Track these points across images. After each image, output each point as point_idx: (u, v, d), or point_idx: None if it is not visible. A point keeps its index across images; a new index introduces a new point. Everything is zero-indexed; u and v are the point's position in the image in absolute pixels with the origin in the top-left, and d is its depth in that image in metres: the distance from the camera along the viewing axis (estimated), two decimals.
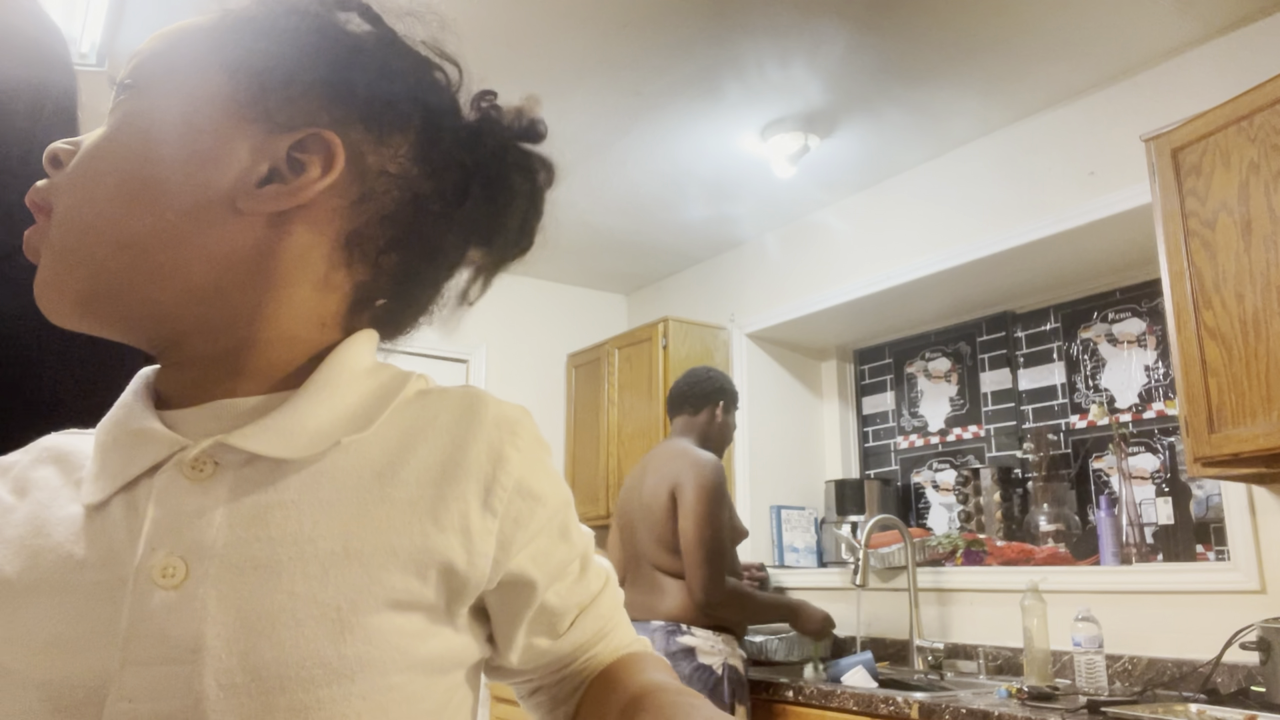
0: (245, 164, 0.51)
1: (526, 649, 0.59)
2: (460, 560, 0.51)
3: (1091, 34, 2.27)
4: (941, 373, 3.36)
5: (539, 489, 0.55)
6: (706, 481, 2.35)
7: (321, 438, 0.51)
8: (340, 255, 0.55)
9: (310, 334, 0.55)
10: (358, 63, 0.55)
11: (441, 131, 0.58)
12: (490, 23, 2.24)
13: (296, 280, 0.53)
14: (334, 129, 0.53)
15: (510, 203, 0.62)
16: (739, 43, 2.32)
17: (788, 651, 2.76)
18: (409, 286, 0.59)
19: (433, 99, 0.58)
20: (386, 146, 0.55)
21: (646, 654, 0.67)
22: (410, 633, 0.50)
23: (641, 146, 2.89)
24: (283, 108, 0.52)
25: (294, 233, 0.53)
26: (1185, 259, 1.97)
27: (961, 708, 1.98)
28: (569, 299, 4.24)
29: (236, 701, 0.44)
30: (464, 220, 0.60)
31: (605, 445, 3.75)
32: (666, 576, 2.38)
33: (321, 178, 0.52)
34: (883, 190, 3.12)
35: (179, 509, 0.48)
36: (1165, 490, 2.63)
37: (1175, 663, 2.23)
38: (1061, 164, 2.57)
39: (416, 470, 0.51)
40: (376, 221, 0.55)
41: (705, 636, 2.29)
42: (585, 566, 0.62)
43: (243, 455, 0.49)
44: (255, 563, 0.47)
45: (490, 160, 0.60)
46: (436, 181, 0.57)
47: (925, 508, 3.34)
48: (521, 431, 0.55)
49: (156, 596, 0.46)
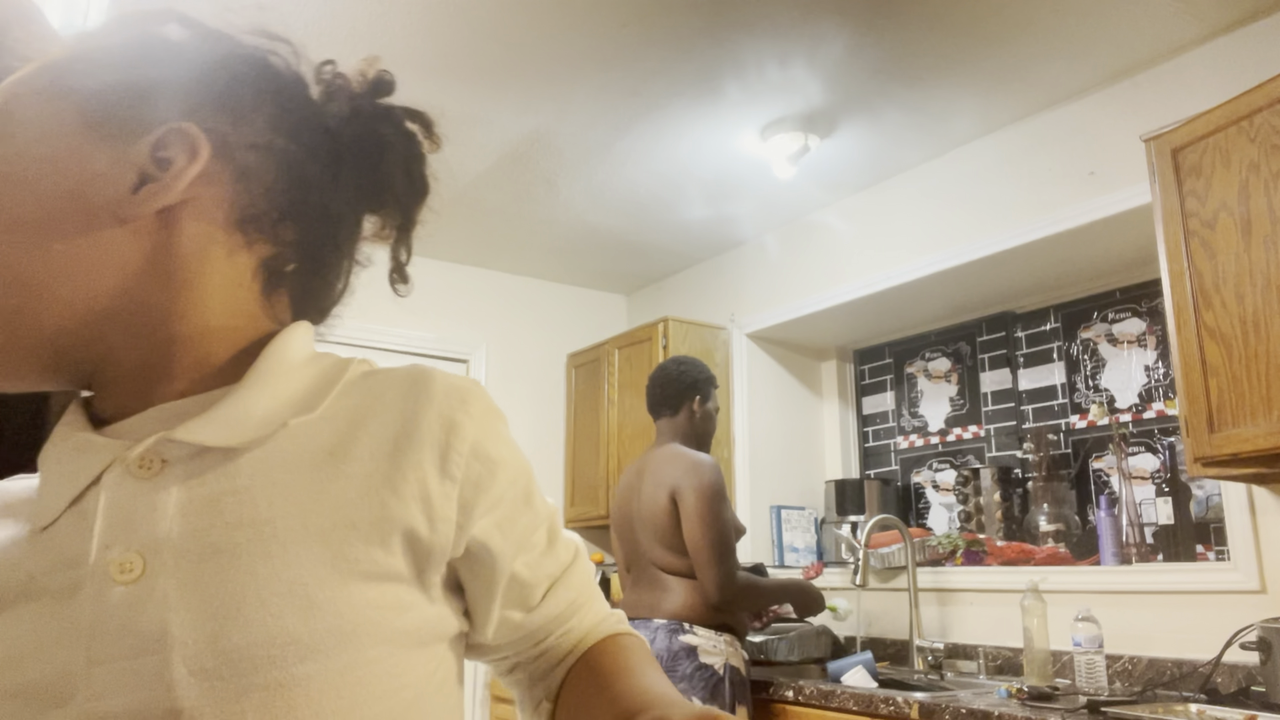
0: (114, 177, 0.52)
1: (501, 622, 0.59)
2: (422, 527, 0.51)
3: (1091, 34, 2.27)
4: (941, 373, 3.37)
5: (496, 454, 0.56)
6: (706, 483, 2.35)
7: (267, 423, 0.51)
8: (238, 238, 0.56)
9: (237, 324, 0.55)
10: (192, 59, 0.56)
11: (293, 100, 0.59)
12: (490, 23, 2.24)
13: (202, 272, 0.54)
14: (188, 120, 0.54)
15: (384, 154, 0.62)
16: (739, 42, 2.32)
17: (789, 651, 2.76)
18: (314, 253, 0.60)
19: (274, 74, 0.59)
20: (245, 124, 0.56)
21: (628, 639, 0.67)
22: (384, 605, 0.50)
23: (641, 146, 2.89)
24: (132, 117, 0.53)
25: (184, 228, 0.54)
26: (1185, 259, 1.97)
27: (961, 708, 1.98)
28: (569, 299, 4.24)
29: (209, 685, 0.45)
30: (348, 180, 0.61)
31: (605, 445, 3.75)
32: (669, 575, 2.39)
33: (190, 164, 0.53)
34: (883, 190, 3.12)
35: (130, 506, 0.48)
36: (1165, 490, 2.63)
37: (1175, 663, 2.23)
38: (1061, 164, 2.57)
39: (369, 445, 0.52)
40: (261, 196, 0.56)
41: (707, 636, 2.29)
42: (553, 538, 0.62)
43: (190, 448, 0.50)
44: (214, 549, 0.47)
45: (351, 119, 0.62)
46: (304, 147, 0.58)
47: (925, 508, 3.34)
48: (472, 400, 0.56)
49: (116, 592, 0.46)
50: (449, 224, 3.49)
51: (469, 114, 2.67)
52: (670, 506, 2.38)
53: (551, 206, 3.36)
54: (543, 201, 3.31)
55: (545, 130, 2.78)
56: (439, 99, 2.57)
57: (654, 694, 0.56)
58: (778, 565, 3.43)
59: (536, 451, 3.98)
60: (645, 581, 2.44)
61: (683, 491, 2.36)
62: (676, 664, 2.24)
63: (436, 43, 2.32)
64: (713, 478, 2.37)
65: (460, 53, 2.37)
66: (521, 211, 3.40)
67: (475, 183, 3.15)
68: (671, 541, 2.38)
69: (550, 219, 3.48)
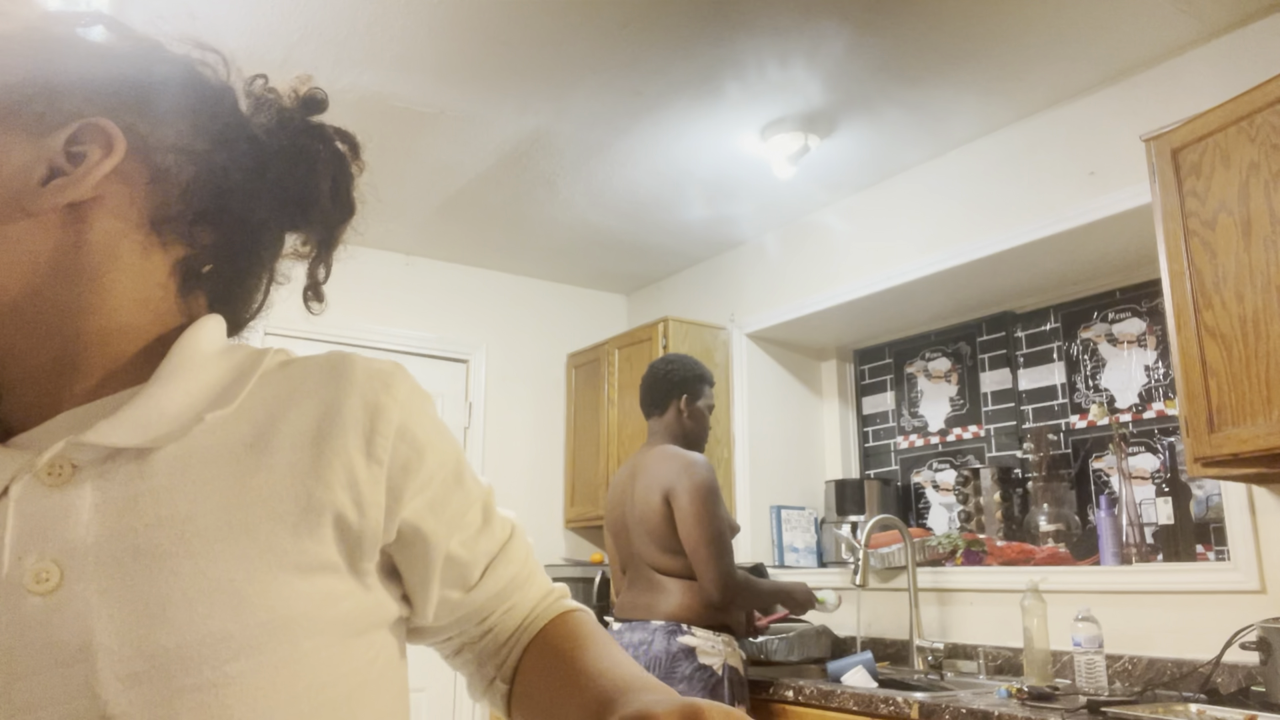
0: (23, 168, 0.51)
1: (441, 603, 0.59)
2: (351, 514, 0.51)
3: (1091, 34, 2.27)
4: (941, 373, 3.37)
5: (423, 435, 0.55)
6: (699, 482, 2.35)
7: (181, 419, 0.50)
8: (153, 237, 0.55)
9: (146, 322, 0.54)
10: (114, 59, 0.55)
11: (217, 108, 0.59)
12: (490, 23, 2.24)
13: (112, 269, 0.53)
14: (107, 117, 0.53)
15: (311, 169, 0.62)
16: (739, 43, 2.32)
17: (788, 651, 2.76)
18: (230, 258, 0.59)
19: (199, 81, 0.59)
20: (166, 126, 0.55)
21: (580, 615, 0.66)
22: (317, 595, 0.49)
23: (641, 146, 2.89)
24: (47, 110, 0.52)
25: (95, 224, 0.53)
26: (1185, 259, 1.97)
27: (961, 708, 1.98)
28: (569, 299, 4.24)
29: (139, 691, 0.44)
30: (271, 191, 0.60)
31: (605, 445, 3.75)
32: (665, 577, 2.39)
33: (103, 160, 0.52)
34: (883, 190, 3.12)
35: (41, 514, 0.47)
36: (1165, 490, 2.63)
37: (1175, 663, 2.23)
38: (1061, 164, 2.57)
39: (290, 435, 0.51)
40: (177, 197, 0.55)
41: (705, 637, 2.29)
42: (488, 516, 0.62)
43: (101, 451, 0.49)
44: (134, 551, 0.46)
45: (278, 131, 0.61)
46: (226, 153, 0.58)
47: (925, 508, 3.34)
48: (395, 383, 0.55)
49: (32, 603, 0.44)
50: (449, 224, 3.49)
51: (469, 114, 2.67)
52: (664, 508, 2.37)
53: (551, 206, 3.36)
54: (543, 201, 3.31)
55: (545, 130, 2.78)
56: (439, 99, 2.57)
57: (628, 679, 0.55)
58: (778, 565, 3.43)
59: (536, 451, 3.98)
60: (641, 583, 2.44)
61: (676, 492, 2.35)
62: (675, 665, 2.24)
63: (436, 43, 2.31)
64: (706, 476, 2.37)
65: (460, 53, 2.37)
66: (521, 211, 3.40)
67: (475, 183, 3.14)
68: (666, 542, 2.38)
69: (550, 219, 3.48)
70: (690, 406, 2.58)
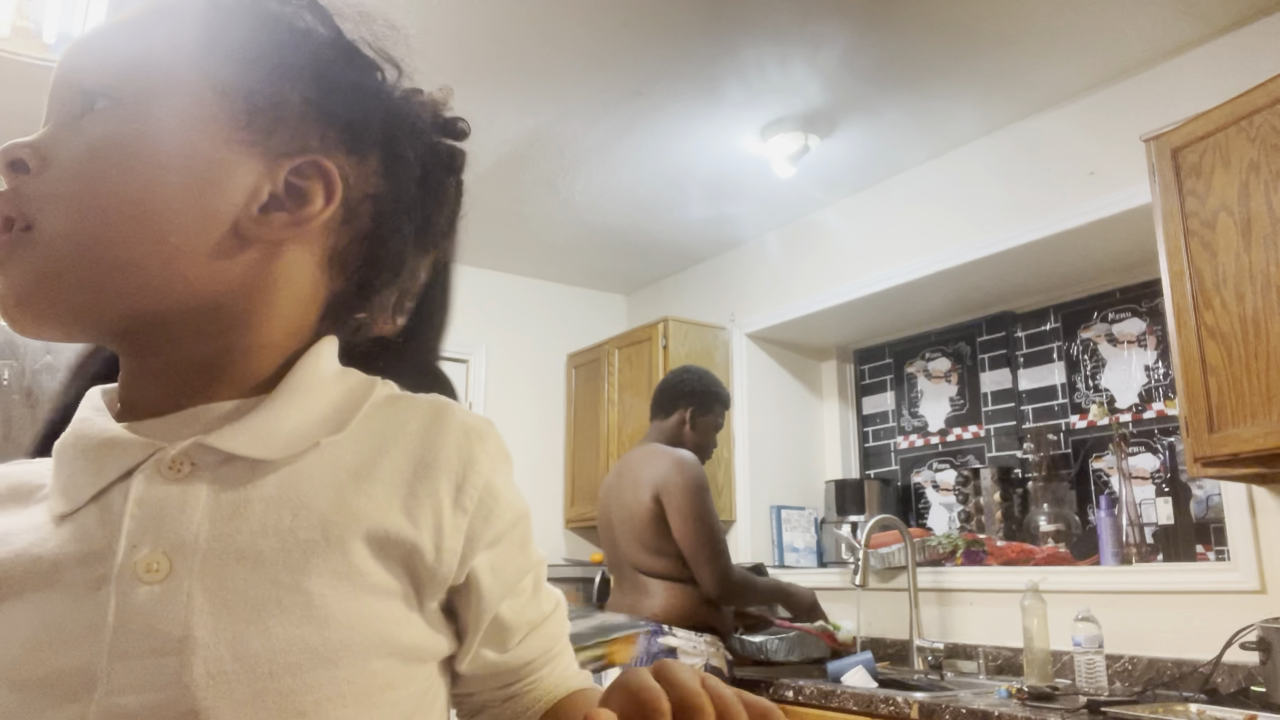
0: (247, 190, 0.52)
1: (475, 658, 0.60)
2: (430, 553, 0.52)
3: (1091, 34, 2.27)
4: (941, 373, 3.37)
5: (504, 494, 0.58)
6: (690, 479, 2.35)
7: (298, 440, 0.52)
8: (323, 271, 0.57)
9: (288, 340, 0.56)
10: (333, 78, 0.56)
11: (404, 147, 0.59)
12: (490, 23, 2.24)
13: (286, 294, 0.55)
14: (324, 154, 0.54)
15: (443, 203, 0.64)
16: (739, 43, 2.32)
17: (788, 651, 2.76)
18: (374, 297, 0.61)
19: (395, 115, 0.59)
20: (365, 167, 0.57)
21: (595, 694, 0.67)
22: (389, 619, 0.51)
23: (641, 146, 2.89)
24: (275, 131, 0.53)
25: (286, 254, 0.54)
26: (1185, 259, 1.97)
27: (961, 708, 1.98)
28: (569, 299, 4.23)
29: (227, 688, 0.46)
30: (418, 228, 0.62)
31: (605, 445, 3.75)
32: (649, 578, 2.38)
33: (325, 208, 0.54)
34: (883, 190, 3.12)
35: (159, 507, 0.49)
36: (1165, 490, 2.63)
37: (1175, 663, 2.23)
38: (1061, 164, 2.57)
39: (390, 470, 0.53)
40: (357, 241, 0.57)
41: (687, 637, 2.29)
42: (538, 586, 0.63)
43: (220, 456, 0.50)
44: (239, 555, 0.48)
45: (424, 160, 0.62)
46: (401, 197, 0.59)
47: (925, 508, 3.34)
48: (488, 439, 0.58)
49: (141, 592, 0.46)
50: None
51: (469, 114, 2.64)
52: (653, 506, 2.36)
53: (551, 206, 3.36)
54: (543, 201, 3.31)
55: (545, 130, 2.78)
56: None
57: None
58: (778, 565, 3.43)
59: (536, 451, 3.98)
60: (627, 584, 2.44)
61: (668, 489, 2.35)
62: None
63: (437, 43, 2.31)
64: (698, 473, 2.37)
65: (461, 53, 2.37)
66: (521, 211, 3.40)
67: (475, 183, 3.11)
68: (650, 543, 2.37)
69: (550, 219, 3.48)
70: (696, 419, 2.57)
